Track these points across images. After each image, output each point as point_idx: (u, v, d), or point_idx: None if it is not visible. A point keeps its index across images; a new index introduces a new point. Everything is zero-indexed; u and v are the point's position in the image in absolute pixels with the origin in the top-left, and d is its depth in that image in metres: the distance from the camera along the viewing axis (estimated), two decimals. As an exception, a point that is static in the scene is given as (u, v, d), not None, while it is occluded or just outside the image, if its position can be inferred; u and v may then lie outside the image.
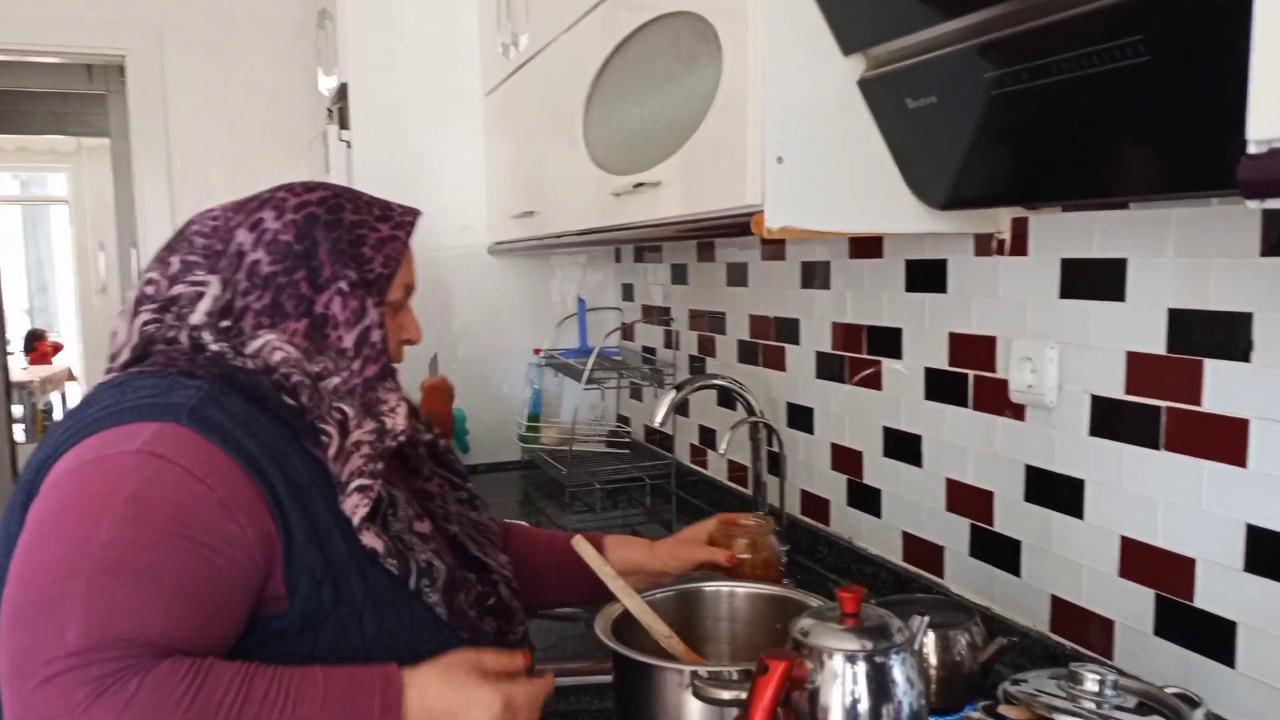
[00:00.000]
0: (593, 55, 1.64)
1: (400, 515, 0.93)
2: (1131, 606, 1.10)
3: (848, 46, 1.16)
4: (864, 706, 0.76)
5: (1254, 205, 0.61)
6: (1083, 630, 1.16)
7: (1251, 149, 0.60)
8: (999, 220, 1.26)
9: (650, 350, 2.41)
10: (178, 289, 0.93)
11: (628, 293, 2.56)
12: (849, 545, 1.60)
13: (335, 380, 0.92)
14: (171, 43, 2.97)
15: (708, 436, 2.13)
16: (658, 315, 2.36)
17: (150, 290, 0.94)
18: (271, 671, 0.77)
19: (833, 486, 1.66)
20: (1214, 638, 1.00)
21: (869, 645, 0.77)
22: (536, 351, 2.52)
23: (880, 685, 0.76)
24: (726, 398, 2.02)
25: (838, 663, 0.77)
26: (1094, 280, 1.13)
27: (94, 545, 0.73)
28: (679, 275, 2.23)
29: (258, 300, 0.92)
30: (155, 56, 2.94)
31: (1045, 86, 0.92)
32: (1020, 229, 1.23)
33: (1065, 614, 1.19)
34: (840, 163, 1.18)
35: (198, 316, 0.91)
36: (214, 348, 0.90)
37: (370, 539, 0.87)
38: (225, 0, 3.02)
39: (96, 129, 4.24)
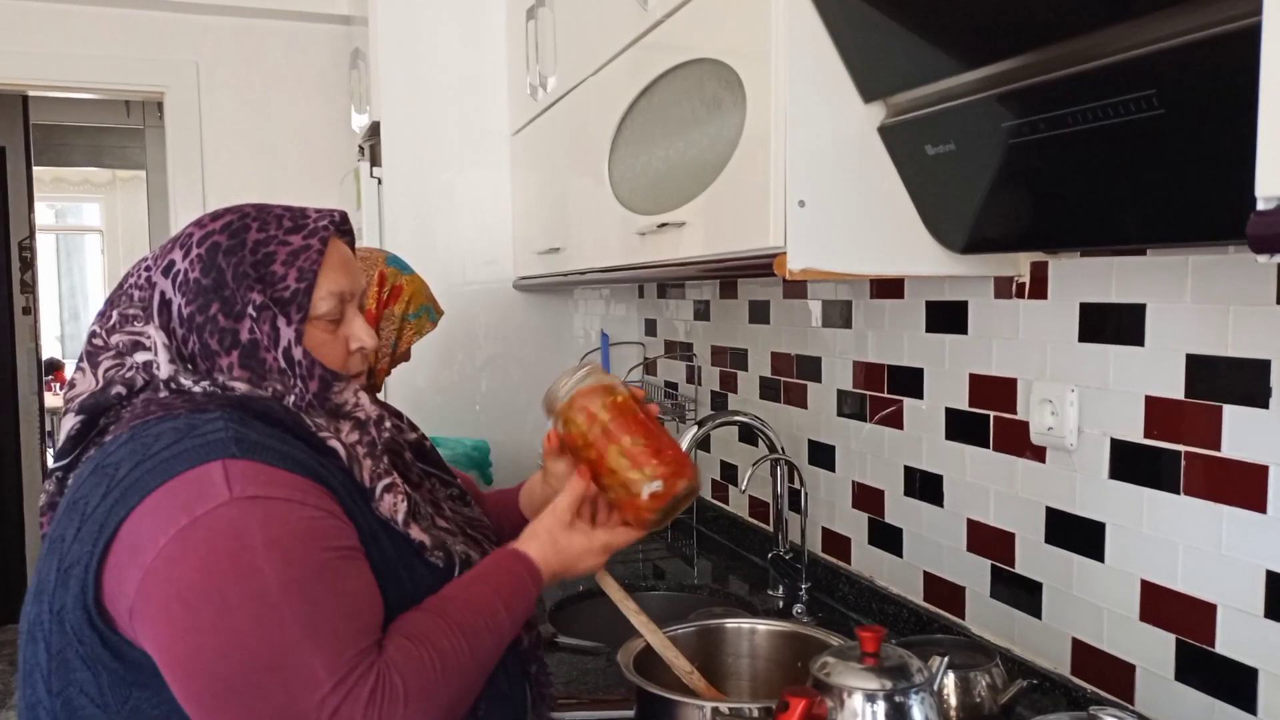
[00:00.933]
0: (619, 98, 1.68)
1: (424, 512, 0.97)
2: (1152, 651, 1.10)
3: (868, 94, 1.18)
4: (882, 747, 0.77)
5: (1264, 260, 0.63)
6: (1104, 674, 1.16)
7: (1260, 205, 0.62)
8: (1018, 264, 1.27)
9: (672, 385, 2.43)
10: (115, 338, 0.93)
11: (650, 328, 2.59)
12: (870, 584, 1.61)
13: (291, 398, 0.91)
14: (209, 80, 3.05)
15: (729, 472, 2.14)
16: (680, 351, 2.38)
17: (98, 343, 0.94)
18: (455, 601, 0.88)
19: (854, 525, 1.67)
20: (1235, 684, 1.00)
21: (889, 685, 0.78)
22: (560, 385, 2.55)
23: (899, 726, 0.77)
24: (748, 434, 2.03)
25: (857, 701, 0.78)
26: (1113, 324, 1.14)
27: (275, 596, 0.76)
28: (701, 312, 2.26)
29: (194, 344, 0.91)
30: (193, 93, 3.02)
31: (1061, 136, 0.95)
32: (1040, 273, 1.25)
33: (1086, 657, 1.19)
34: (861, 206, 1.20)
35: (165, 370, 0.90)
36: (197, 390, 0.89)
37: (417, 533, 0.91)
38: (261, 39, 3.10)
39: (133, 162, 4.35)
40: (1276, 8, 0.60)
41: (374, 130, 2.54)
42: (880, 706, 0.77)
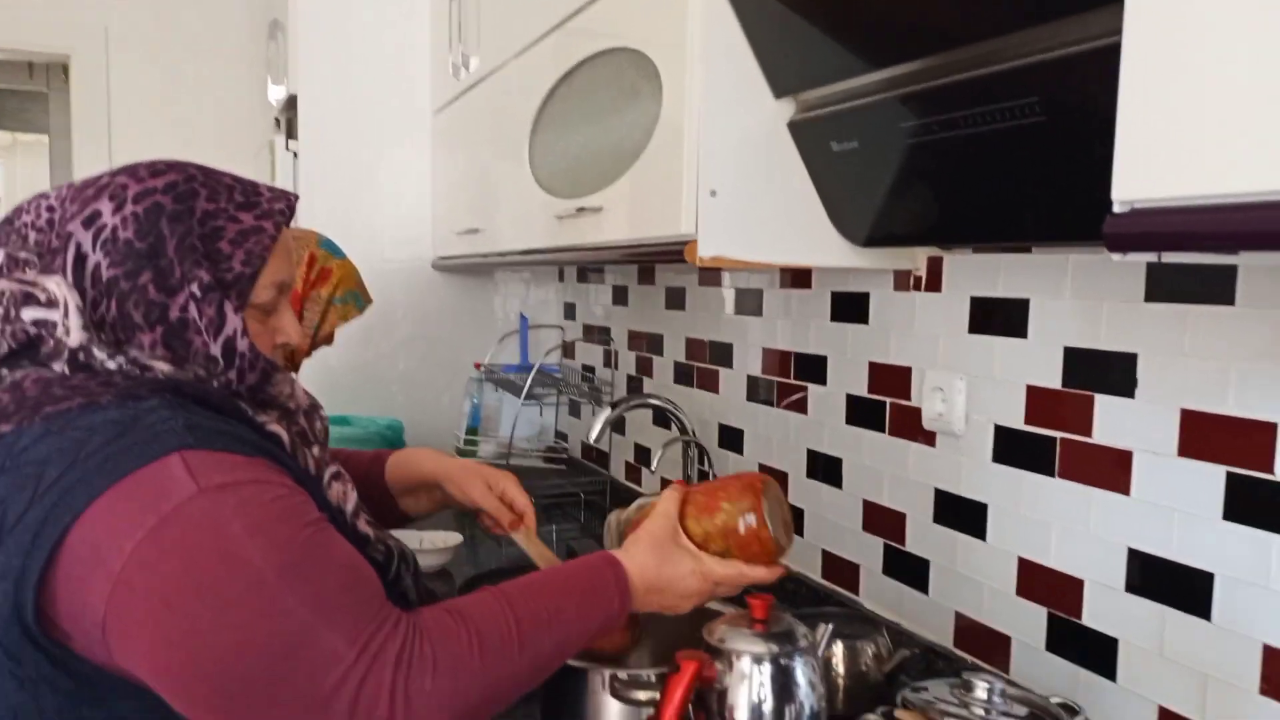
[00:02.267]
0: (540, 82, 1.70)
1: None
2: (1026, 623, 1.17)
3: (779, 90, 1.23)
4: (768, 706, 0.81)
5: (1117, 258, 0.68)
6: (983, 645, 1.24)
7: (1116, 208, 0.67)
8: (915, 258, 1.34)
9: (590, 369, 2.46)
10: (1, 285, 0.80)
11: (569, 311, 2.61)
12: (772, 562, 1.66)
13: (215, 383, 0.84)
14: (119, 44, 2.96)
15: (642, 454, 2.18)
16: (598, 335, 2.41)
17: None
18: (519, 586, 0.84)
19: (759, 505, 1.72)
20: (1098, 653, 1.08)
21: (774, 648, 0.83)
22: (477, 366, 2.56)
23: (784, 686, 0.82)
24: (661, 417, 2.07)
25: (745, 664, 0.82)
26: (999, 317, 1.21)
27: (273, 584, 0.71)
28: (620, 296, 2.29)
29: (111, 312, 0.81)
30: (100, 57, 2.92)
31: (953, 138, 1.00)
32: (935, 267, 1.31)
33: (968, 630, 1.27)
34: (770, 198, 1.25)
35: (75, 336, 0.79)
36: (112, 365, 0.80)
37: (363, 526, 0.89)
38: (173, 4, 3.01)
39: (35, 125, 4.18)
40: (1135, 29, 0.66)
41: (291, 103, 2.50)
42: (766, 668, 0.82)
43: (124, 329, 0.81)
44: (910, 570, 1.36)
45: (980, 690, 0.93)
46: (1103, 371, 1.08)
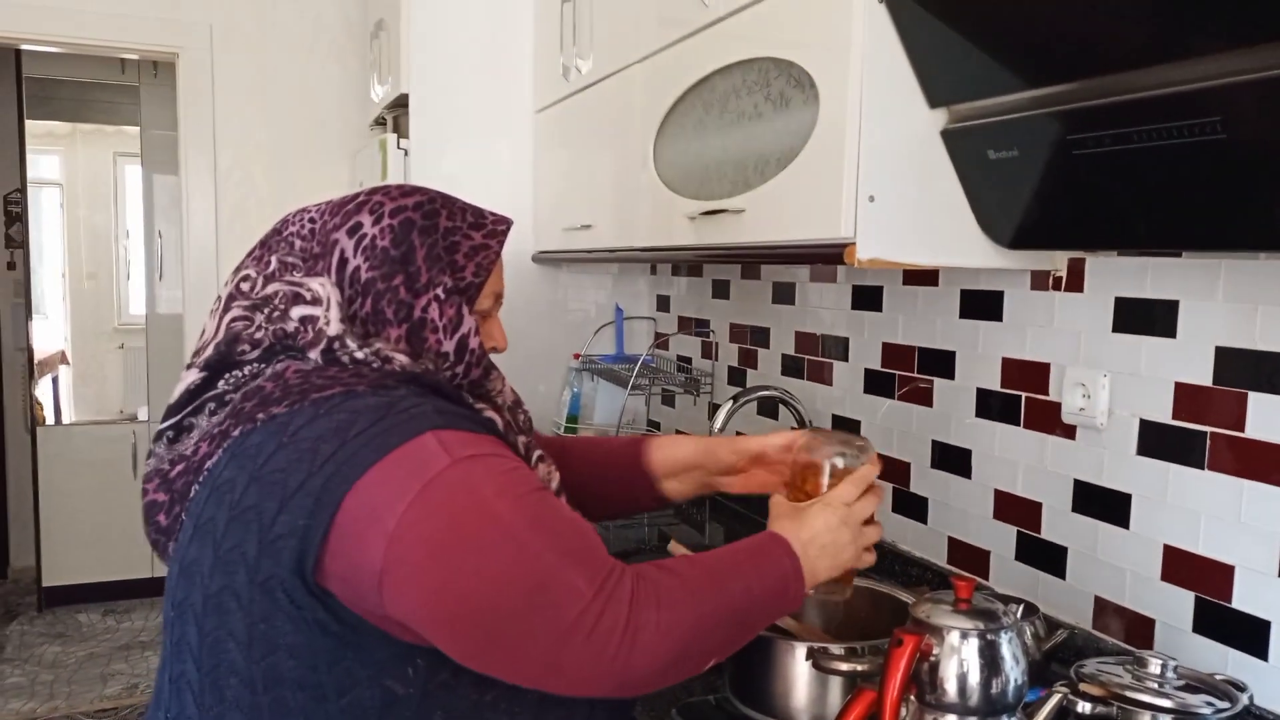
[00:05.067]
0: (669, 87, 1.77)
1: None
2: (1172, 607, 1.24)
3: (934, 101, 1.29)
4: (976, 679, 0.89)
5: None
6: (1124, 627, 1.31)
7: (1338, 227, 0.74)
8: (1055, 260, 1.40)
9: (685, 360, 2.54)
10: (274, 288, 0.95)
11: (663, 304, 2.69)
12: (892, 547, 1.74)
13: (441, 379, 0.95)
14: (221, 43, 3.06)
15: (745, 443, 2.25)
16: (695, 327, 2.49)
17: (245, 287, 0.96)
18: (691, 555, 0.94)
19: (877, 494, 1.79)
20: (1250, 635, 1.15)
21: (981, 625, 0.90)
22: (576, 356, 2.65)
23: (991, 660, 0.89)
24: (766, 407, 2.15)
25: (954, 639, 0.90)
26: (1146, 317, 1.28)
27: (523, 534, 0.82)
28: (720, 290, 2.36)
29: (366, 308, 0.95)
30: (206, 54, 3.03)
31: (1124, 151, 1.06)
32: (1076, 268, 1.37)
33: (1107, 612, 1.33)
34: (921, 202, 1.31)
35: (334, 327, 0.93)
36: (359, 355, 0.92)
37: (565, 503, 0.97)
38: (274, 4, 3.12)
39: (126, 118, 4.33)
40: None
41: (399, 101, 2.59)
42: (974, 643, 0.90)
43: (375, 324, 0.95)
44: (1046, 557, 1.43)
45: (1154, 666, 1.00)
46: (1257, 370, 1.14)
